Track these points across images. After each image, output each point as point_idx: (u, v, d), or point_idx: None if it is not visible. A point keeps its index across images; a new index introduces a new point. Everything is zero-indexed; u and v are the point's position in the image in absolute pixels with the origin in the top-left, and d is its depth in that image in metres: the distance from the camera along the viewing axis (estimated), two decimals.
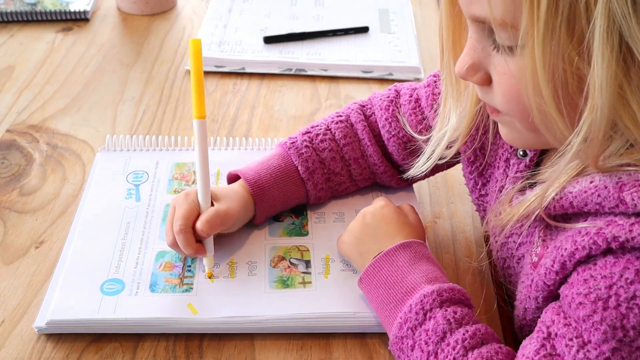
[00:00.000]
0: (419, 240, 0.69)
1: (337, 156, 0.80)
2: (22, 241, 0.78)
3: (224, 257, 0.74)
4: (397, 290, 0.65)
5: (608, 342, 0.51)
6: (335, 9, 1.27)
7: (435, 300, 0.61)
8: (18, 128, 0.96)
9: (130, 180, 0.84)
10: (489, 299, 0.74)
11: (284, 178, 0.78)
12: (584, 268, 0.54)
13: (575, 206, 0.55)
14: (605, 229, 0.52)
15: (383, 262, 0.67)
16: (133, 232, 0.77)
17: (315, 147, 0.79)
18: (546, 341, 0.55)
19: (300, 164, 0.78)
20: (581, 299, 0.52)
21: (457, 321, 0.60)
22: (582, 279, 0.53)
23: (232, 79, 1.09)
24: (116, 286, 0.70)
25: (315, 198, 0.80)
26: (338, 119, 0.81)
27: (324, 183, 0.80)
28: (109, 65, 1.11)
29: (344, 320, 0.68)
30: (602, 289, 0.51)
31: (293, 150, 0.78)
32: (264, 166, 0.78)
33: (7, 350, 0.66)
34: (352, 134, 0.81)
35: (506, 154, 0.68)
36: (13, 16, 1.20)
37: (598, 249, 0.52)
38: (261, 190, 0.76)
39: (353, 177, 0.81)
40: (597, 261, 0.53)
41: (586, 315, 0.52)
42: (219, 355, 0.67)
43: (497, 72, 0.55)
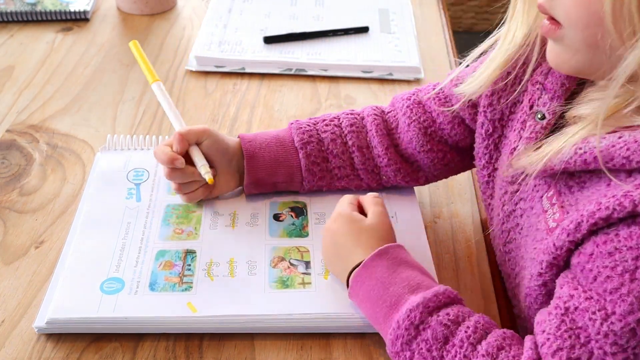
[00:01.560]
0: (391, 244, 0.67)
1: (339, 140, 0.80)
2: (22, 241, 0.78)
3: (224, 256, 0.74)
4: (382, 305, 0.63)
5: (634, 313, 0.51)
6: (335, 9, 1.27)
7: (423, 313, 0.60)
8: (18, 128, 0.96)
9: (130, 178, 0.84)
10: (489, 299, 0.74)
11: (277, 143, 0.80)
12: (604, 239, 0.53)
13: (599, 160, 0.55)
14: (634, 191, 0.52)
15: (362, 276, 0.66)
16: (133, 231, 0.77)
17: (318, 128, 0.81)
18: (565, 316, 0.55)
19: (296, 135, 0.79)
20: (608, 272, 0.53)
21: (454, 321, 0.60)
22: (607, 251, 0.53)
23: (232, 79, 1.09)
24: (116, 285, 0.70)
25: (307, 173, 0.79)
26: (350, 112, 0.83)
27: (320, 160, 0.79)
28: (109, 65, 1.11)
29: (344, 320, 0.68)
30: (628, 261, 0.52)
31: (295, 125, 0.81)
32: (264, 133, 0.82)
33: (7, 350, 0.66)
34: (360, 125, 0.81)
35: (524, 117, 0.67)
36: (13, 16, 1.20)
37: (622, 210, 0.52)
38: (252, 147, 0.79)
39: (355, 165, 0.80)
40: (620, 232, 0.53)
41: (613, 288, 0.52)
42: (219, 355, 0.67)
43: None
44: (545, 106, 0.65)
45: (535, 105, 0.66)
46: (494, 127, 0.72)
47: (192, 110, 1.02)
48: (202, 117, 1.00)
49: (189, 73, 1.10)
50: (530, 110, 0.67)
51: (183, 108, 1.02)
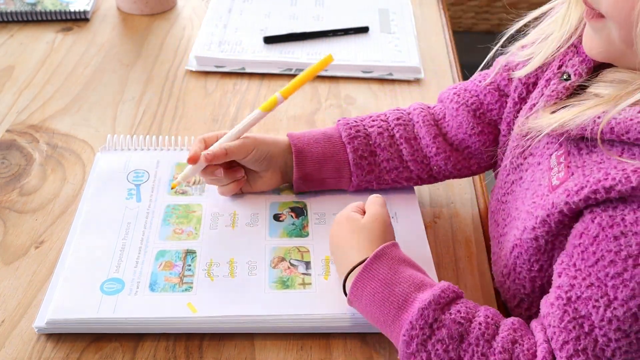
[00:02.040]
0: (386, 244, 0.66)
1: (386, 133, 0.80)
2: (22, 241, 0.78)
3: (224, 256, 0.74)
4: (389, 306, 0.63)
5: (635, 298, 0.52)
6: (335, 9, 1.27)
7: (436, 310, 0.60)
8: (18, 128, 0.96)
9: (130, 179, 0.84)
10: (489, 299, 0.74)
11: (325, 139, 0.81)
12: (611, 223, 0.54)
13: (616, 132, 0.55)
14: None
15: (364, 280, 0.65)
16: (133, 232, 0.77)
17: (365, 124, 0.82)
18: (567, 306, 0.56)
19: (344, 130, 0.80)
20: (612, 257, 0.53)
21: (466, 318, 0.60)
22: (612, 235, 0.53)
23: (232, 79, 1.09)
24: (116, 285, 0.70)
25: (356, 167, 0.79)
26: (396, 108, 0.84)
27: (368, 154, 0.80)
28: (109, 65, 1.11)
29: (344, 321, 0.68)
30: (633, 246, 0.52)
31: (342, 122, 0.82)
32: (311, 130, 0.83)
33: (7, 350, 0.66)
34: (407, 119, 0.82)
35: (550, 74, 0.68)
36: (13, 16, 1.20)
37: (628, 184, 0.52)
38: (300, 143, 0.80)
39: (403, 157, 0.80)
40: (627, 217, 0.53)
41: (617, 272, 0.53)
42: (219, 355, 0.67)
43: None
44: (573, 67, 0.65)
45: (565, 65, 0.67)
46: (528, 90, 0.72)
47: (192, 110, 1.02)
48: (202, 117, 1.00)
49: (189, 73, 1.10)
50: (558, 69, 0.67)
51: (183, 108, 1.02)
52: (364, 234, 0.68)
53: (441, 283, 0.63)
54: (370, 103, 1.05)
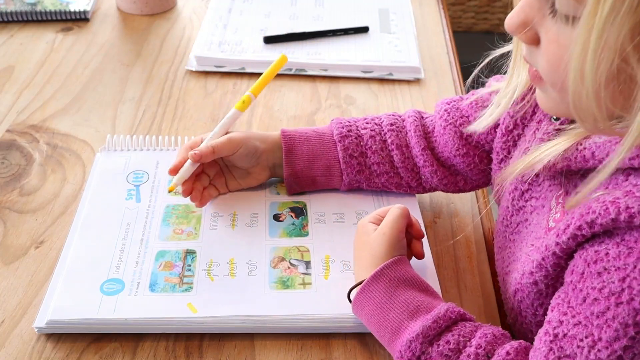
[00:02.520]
0: (387, 263, 0.66)
1: (378, 137, 0.80)
2: (22, 241, 0.78)
3: (224, 256, 0.74)
4: (384, 330, 0.63)
5: (619, 340, 0.49)
6: (335, 9, 1.27)
7: (424, 343, 0.60)
8: (18, 128, 0.96)
9: (130, 180, 0.84)
10: (489, 299, 0.74)
11: (316, 137, 0.81)
12: (595, 258, 0.52)
13: (597, 156, 0.54)
14: (622, 198, 0.50)
15: (362, 301, 0.65)
16: (133, 232, 0.77)
17: (358, 125, 0.82)
18: (553, 344, 0.54)
19: (336, 129, 0.81)
20: (596, 294, 0.51)
21: (454, 350, 0.59)
22: (596, 272, 0.52)
23: (232, 79, 1.09)
24: (116, 286, 0.70)
25: (346, 165, 0.79)
26: (392, 113, 0.84)
27: (358, 154, 0.80)
28: (109, 65, 1.11)
29: (344, 321, 0.68)
30: (615, 282, 0.50)
31: (335, 120, 0.82)
32: (304, 128, 0.83)
33: (7, 350, 0.66)
34: (400, 125, 0.82)
35: (540, 116, 0.67)
36: (13, 16, 1.20)
37: (606, 216, 0.50)
38: (291, 140, 0.80)
39: (394, 163, 0.80)
40: (610, 251, 0.51)
41: (600, 311, 0.51)
42: (219, 355, 0.67)
43: (547, 38, 0.53)
44: None
45: None
46: (515, 124, 0.71)
47: (192, 110, 1.02)
48: (202, 117, 1.00)
49: (189, 73, 1.10)
50: None
51: (183, 108, 1.02)
52: (368, 250, 0.68)
53: (437, 309, 0.61)
54: (370, 103, 1.05)
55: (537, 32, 0.54)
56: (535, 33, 0.54)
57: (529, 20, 0.53)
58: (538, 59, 0.55)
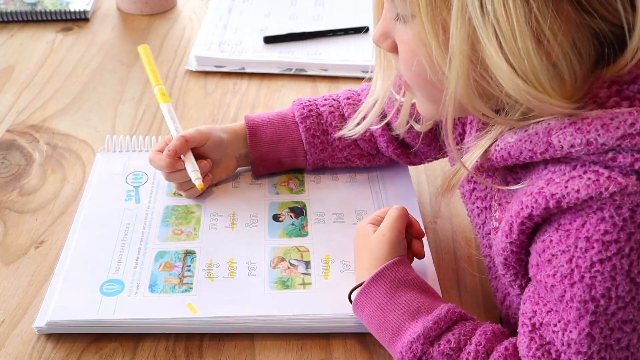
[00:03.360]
0: (387, 264, 0.66)
1: (337, 112, 0.83)
2: (22, 241, 0.78)
3: (224, 256, 0.75)
4: (384, 332, 0.63)
5: (583, 317, 0.51)
6: (335, 9, 1.27)
7: (425, 344, 0.60)
8: (18, 128, 0.96)
9: (129, 181, 0.84)
10: (489, 299, 0.74)
11: (278, 120, 0.83)
12: (543, 247, 0.54)
13: (513, 155, 0.56)
14: (545, 187, 0.53)
15: (363, 302, 0.65)
16: (133, 232, 0.77)
17: (317, 104, 0.84)
18: (533, 333, 0.56)
19: (297, 110, 0.83)
20: (552, 281, 0.53)
21: (455, 349, 0.59)
22: (546, 260, 0.53)
23: (232, 79, 1.09)
24: (116, 287, 0.70)
25: (309, 145, 0.82)
26: (348, 90, 0.86)
27: (320, 133, 0.82)
28: (109, 65, 1.11)
29: (344, 321, 0.68)
30: (564, 265, 0.52)
31: (296, 102, 0.85)
32: (267, 112, 0.85)
33: (7, 350, 0.66)
34: (356, 99, 0.84)
35: (471, 117, 0.68)
36: (13, 16, 1.20)
37: (538, 207, 0.53)
38: (254, 125, 0.83)
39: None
40: (552, 237, 0.53)
41: (559, 296, 0.52)
42: (219, 355, 0.67)
43: (399, 40, 0.58)
44: None
45: None
46: (454, 123, 0.72)
47: (192, 110, 1.02)
48: (202, 117, 1.00)
49: (189, 73, 1.10)
50: None
51: (183, 108, 1.02)
52: (367, 252, 0.69)
53: (438, 310, 0.62)
54: None
55: (395, 40, 0.59)
56: (393, 41, 0.60)
57: (386, 31, 0.60)
58: (400, 66, 0.60)
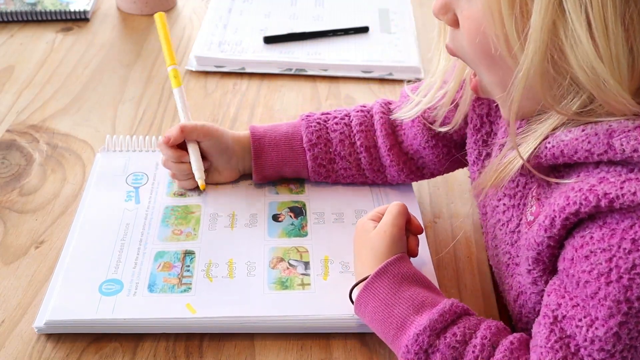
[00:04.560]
0: (390, 260, 0.66)
1: (347, 141, 0.81)
2: (22, 241, 0.78)
3: (223, 257, 0.74)
4: (389, 326, 0.63)
5: (614, 317, 0.51)
6: (335, 9, 1.27)
7: (431, 336, 0.60)
8: (18, 128, 0.96)
9: (130, 182, 0.84)
10: (489, 299, 0.74)
11: (285, 142, 0.82)
12: (581, 243, 0.53)
13: (566, 154, 0.55)
14: (597, 185, 0.52)
15: (366, 297, 0.65)
16: (132, 233, 0.77)
17: (328, 127, 0.82)
18: (554, 325, 0.55)
19: (305, 135, 0.81)
20: (586, 277, 0.52)
21: (461, 342, 0.60)
22: (583, 255, 0.53)
23: (232, 79, 1.09)
24: (115, 286, 0.70)
25: (314, 173, 0.82)
26: (361, 108, 0.83)
27: (327, 162, 0.81)
28: (109, 65, 1.11)
29: (344, 322, 0.68)
30: (603, 264, 0.51)
31: (305, 122, 0.82)
32: (274, 127, 0.83)
33: (7, 350, 0.66)
34: (369, 123, 0.82)
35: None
36: (13, 16, 1.20)
37: (588, 204, 0.52)
38: (260, 145, 0.81)
39: (362, 165, 0.81)
40: (594, 234, 0.52)
41: (592, 292, 0.52)
42: (219, 355, 0.67)
43: (462, 16, 0.56)
44: None
45: None
46: (482, 122, 0.71)
47: (192, 110, 1.01)
48: (202, 117, 1.00)
49: (189, 73, 1.10)
50: None
51: None
52: (368, 248, 0.69)
53: (442, 304, 0.62)
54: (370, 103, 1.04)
55: (456, 14, 0.57)
56: (454, 14, 0.57)
57: (447, 2, 0.57)
58: (461, 41, 0.58)
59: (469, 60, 0.59)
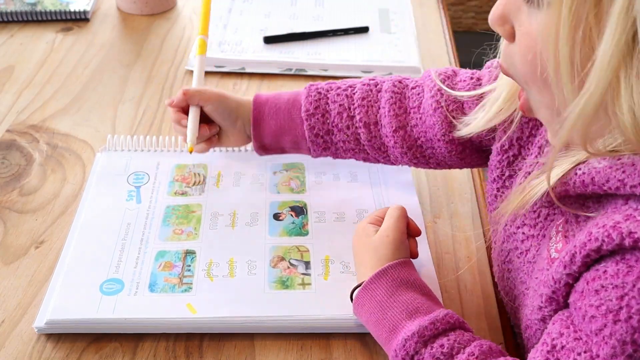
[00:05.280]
0: (391, 263, 0.66)
1: (345, 114, 0.79)
2: (22, 241, 0.78)
3: (224, 256, 0.74)
4: (382, 329, 0.63)
5: (617, 357, 0.48)
6: (335, 9, 1.27)
7: (418, 343, 0.59)
8: (18, 128, 0.96)
9: (131, 181, 0.84)
10: (489, 299, 0.74)
11: (285, 110, 0.81)
12: (593, 276, 0.51)
13: (597, 182, 0.52)
14: (623, 222, 0.49)
15: (363, 298, 0.65)
16: (133, 232, 0.77)
17: (329, 97, 0.80)
18: (550, 354, 0.53)
19: (304, 104, 0.80)
20: (593, 312, 0.50)
21: (447, 354, 0.58)
22: (594, 289, 0.51)
23: (232, 79, 1.09)
24: (115, 286, 0.70)
25: (312, 144, 0.80)
26: (368, 81, 0.81)
27: (324, 133, 0.80)
28: (109, 65, 1.11)
29: (344, 322, 0.68)
30: (613, 300, 0.49)
31: (305, 91, 0.81)
32: (277, 95, 0.82)
33: (7, 350, 0.66)
34: (374, 99, 0.79)
35: (541, 141, 0.65)
36: (13, 16, 1.20)
37: (611, 242, 0.49)
38: (260, 113, 0.81)
39: (361, 141, 0.79)
40: (608, 269, 0.50)
41: (597, 328, 0.50)
42: (219, 355, 0.67)
43: (520, 31, 0.53)
44: None
45: None
46: (511, 144, 0.68)
47: None
48: None
49: (189, 73, 1.10)
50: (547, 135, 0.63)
51: None
52: (371, 252, 0.68)
53: (436, 312, 0.61)
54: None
55: (514, 26, 0.54)
56: (512, 27, 0.54)
57: (506, 13, 0.54)
58: (514, 57, 0.55)
59: (519, 77, 0.56)
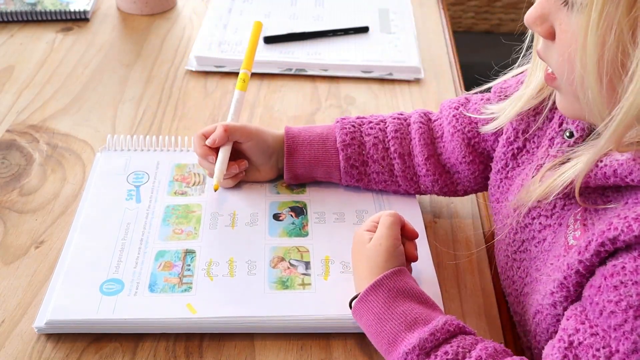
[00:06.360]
0: (386, 273, 0.65)
1: (381, 145, 0.80)
2: (22, 241, 0.78)
3: (224, 255, 0.74)
4: (381, 340, 0.63)
5: (637, 352, 0.49)
6: (335, 9, 1.27)
7: (420, 355, 0.59)
8: (18, 128, 0.96)
9: (130, 181, 0.84)
10: (489, 299, 0.74)
11: (319, 142, 0.81)
12: (611, 272, 0.52)
13: (619, 174, 0.53)
14: None
15: (361, 310, 0.65)
16: (133, 232, 0.77)
17: (363, 130, 0.81)
18: (568, 351, 0.54)
19: (339, 135, 0.80)
20: (612, 307, 0.51)
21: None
22: (612, 285, 0.51)
23: (232, 79, 1.09)
24: (115, 286, 0.70)
25: (346, 174, 0.81)
26: (398, 115, 0.83)
27: (360, 164, 0.80)
28: (109, 65, 1.11)
29: (344, 322, 0.68)
30: (633, 296, 0.49)
31: (339, 124, 0.82)
32: (309, 128, 0.84)
33: (7, 350, 0.66)
34: (405, 131, 0.81)
35: (552, 133, 0.66)
36: (13, 16, 1.20)
37: (630, 232, 0.50)
38: (294, 144, 0.81)
39: (394, 172, 0.80)
40: (627, 265, 0.50)
41: (617, 324, 0.50)
42: (219, 355, 0.67)
43: (560, 29, 0.54)
44: (574, 123, 0.64)
45: (565, 122, 0.65)
46: (516, 136, 0.71)
47: (192, 110, 1.02)
48: (202, 117, 1.00)
49: (189, 73, 1.10)
50: (560, 127, 0.66)
51: (183, 108, 1.02)
52: (365, 261, 0.68)
53: (435, 322, 0.61)
54: (370, 103, 1.05)
55: (553, 25, 0.55)
56: (551, 26, 0.55)
57: (545, 13, 0.55)
58: (552, 54, 0.56)
59: (557, 72, 0.57)
